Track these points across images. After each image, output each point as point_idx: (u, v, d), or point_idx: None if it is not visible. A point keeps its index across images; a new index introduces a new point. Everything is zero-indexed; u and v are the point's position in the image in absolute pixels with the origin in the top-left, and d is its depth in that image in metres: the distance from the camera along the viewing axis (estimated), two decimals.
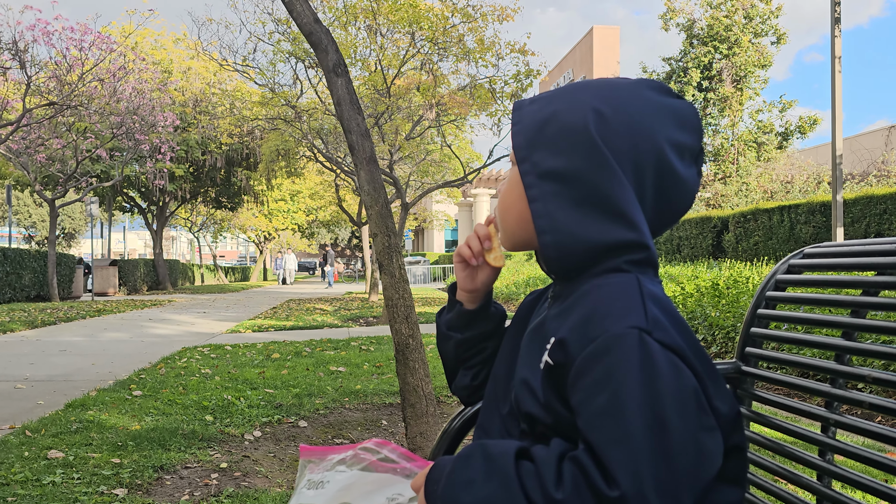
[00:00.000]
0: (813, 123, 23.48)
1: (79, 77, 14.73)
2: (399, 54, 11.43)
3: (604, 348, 0.77)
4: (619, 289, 0.84)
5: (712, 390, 0.80)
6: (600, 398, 0.75)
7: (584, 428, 0.76)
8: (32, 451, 3.36)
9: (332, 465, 0.94)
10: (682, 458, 0.73)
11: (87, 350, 7.42)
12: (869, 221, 12.14)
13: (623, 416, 0.73)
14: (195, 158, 21.85)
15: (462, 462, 0.82)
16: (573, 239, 0.87)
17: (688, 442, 0.74)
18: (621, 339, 0.77)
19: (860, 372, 1.01)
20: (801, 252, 1.25)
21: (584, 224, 0.87)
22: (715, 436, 0.77)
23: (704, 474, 0.75)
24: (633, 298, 0.83)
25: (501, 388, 1.00)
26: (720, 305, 6.54)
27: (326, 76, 3.26)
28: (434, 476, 0.84)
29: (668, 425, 0.73)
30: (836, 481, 1.04)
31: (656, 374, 0.75)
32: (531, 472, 0.78)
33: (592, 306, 0.82)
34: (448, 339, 1.14)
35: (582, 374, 0.78)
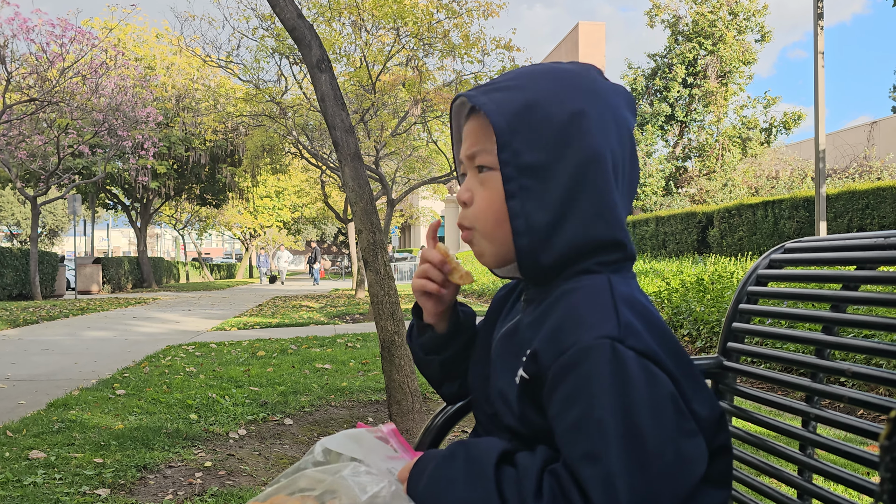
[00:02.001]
0: (797, 119, 23.67)
1: (60, 73, 14.57)
2: (384, 50, 11.39)
3: (574, 361, 0.76)
4: (589, 294, 0.82)
5: (690, 393, 0.79)
6: (572, 412, 0.74)
7: (559, 442, 0.76)
8: (13, 452, 3.32)
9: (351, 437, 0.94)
10: (658, 467, 0.71)
11: (69, 349, 7.35)
12: (851, 216, 12.26)
13: (595, 431, 0.72)
14: (179, 155, 21.67)
15: (445, 462, 0.82)
16: (549, 244, 0.85)
17: (665, 449, 0.72)
18: (592, 350, 0.75)
19: (840, 366, 1.01)
20: (782, 247, 1.25)
21: (562, 226, 0.85)
22: (696, 440, 0.76)
23: (685, 480, 0.74)
24: (604, 304, 0.80)
25: (481, 388, 0.98)
26: (705, 300, 6.58)
27: (310, 72, 3.24)
28: (417, 471, 0.84)
29: (642, 435, 0.72)
30: (816, 476, 1.04)
31: (629, 384, 0.74)
32: (511, 480, 0.77)
33: (563, 315, 0.81)
34: (428, 363, 1.11)
35: (555, 387, 0.77)
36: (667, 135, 25.00)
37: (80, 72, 15.10)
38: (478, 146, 0.90)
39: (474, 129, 0.91)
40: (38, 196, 17.21)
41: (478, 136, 0.90)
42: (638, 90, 25.06)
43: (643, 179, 23.44)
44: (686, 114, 24.34)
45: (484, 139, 0.89)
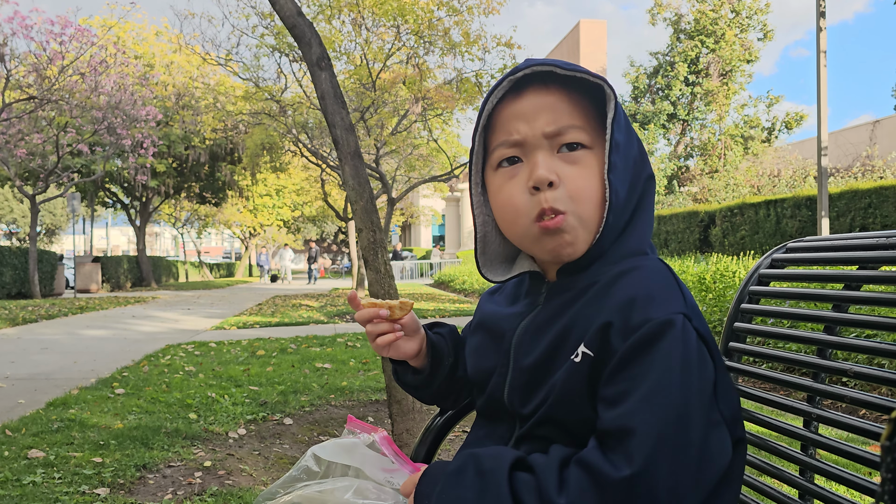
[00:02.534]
0: (799, 119, 23.67)
1: (59, 71, 14.55)
2: (384, 48, 11.38)
3: (651, 335, 0.75)
4: (655, 273, 0.82)
5: (720, 385, 0.80)
6: (644, 386, 0.74)
7: (620, 415, 0.74)
8: (13, 451, 3.31)
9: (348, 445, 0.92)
10: (693, 454, 0.73)
11: (69, 348, 7.34)
12: (854, 215, 12.25)
13: (659, 405, 0.73)
14: (178, 153, 21.65)
15: (454, 478, 0.78)
16: (627, 228, 0.87)
17: (700, 436, 0.74)
18: (669, 325, 0.76)
19: (842, 366, 1.01)
20: (784, 246, 1.24)
21: (639, 214, 0.88)
22: (722, 432, 0.77)
23: (712, 471, 0.75)
24: (670, 283, 0.81)
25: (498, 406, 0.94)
26: (707, 300, 6.58)
27: (310, 70, 3.23)
28: (424, 490, 0.80)
29: (689, 417, 0.73)
30: (818, 476, 1.04)
31: (691, 365, 0.75)
32: (528, 485, 0.75)
33: (632, 293, 0.79)
34: (423, 392, 1.10)
35: (628, 363, 0.76)
36: (669, 133, 24.99)
37: (80, 70, 15.09)
38: (564, 122, 0.85)
39: (553, 104, 0.86)
40: (37, 194, 17.19)
41: (561, 111, 0.86)
42: (640, 88, 25.05)
43: None
44: (688, 112, 24.33)
45: (574, 114, 0.86)
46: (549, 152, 0.85)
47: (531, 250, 0.91)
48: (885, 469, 0.44)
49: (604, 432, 0.75)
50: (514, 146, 0.87)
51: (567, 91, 0.86)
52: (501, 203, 0.90)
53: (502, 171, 0.89)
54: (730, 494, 0.84)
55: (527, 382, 0.88)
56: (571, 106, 0.86)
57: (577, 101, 0.86)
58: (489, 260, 0.99)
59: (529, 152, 0.86)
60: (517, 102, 0.87)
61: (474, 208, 0.96)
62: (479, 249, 0.98)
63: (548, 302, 0.91)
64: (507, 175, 0.89)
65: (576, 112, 0.86)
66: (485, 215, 0.97)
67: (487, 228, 0.97)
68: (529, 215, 0.85)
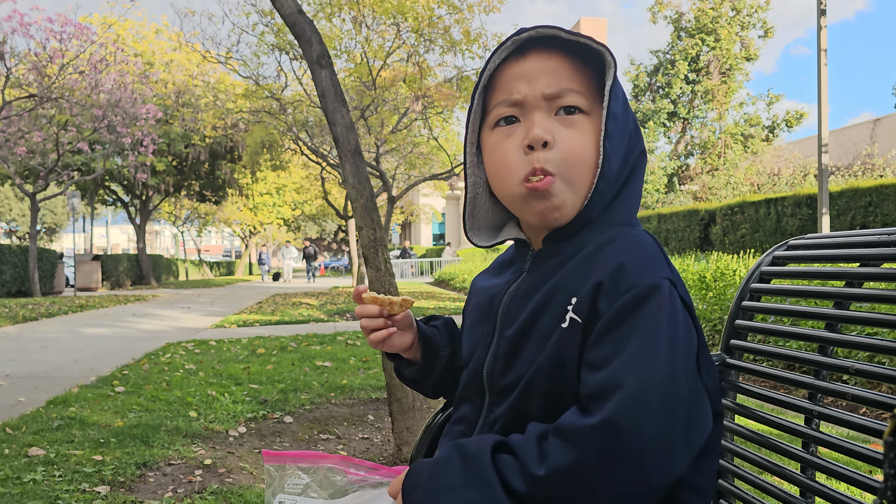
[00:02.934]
0: (799, 118, 23.65)
1: (59, 69, 14.54)
2: (384, 46, 11.37)
3: (639, 298, 0.76)
4: (641, 242, 0.83)
5: (703, 356, 0.81)
6: (631, 348, 0.74)
7: (605, 376, 0.74)
8: (13, 449, 3.31)
9: (301, 489, 0.89)
10: (681, 418, 0.73)
11: (69, 346, 7.34)
12: (854, 214, 12.24)
13: (648, 366, 0.72)
14: (178, 151, 21.63)
15: (440, 467, 0.78)
16: (617, 197, 0.87)
17: (686, 403, 0.74)
18: (657, 289, 0.76)
19: (843, 363, 1.00)
20: (785, 244, 1.24)
21: (628, 186, 0.89)
22: (705, 402, 0.77)
23: (697, 438, 0.75)
24: (657, 252, 0.82)
25: (475, 378, 0.94)
26: (707, 298, 6.57)
27: (310, 68, 3.23)
28: (411, 482, 0.80)
29: (677, 381, 0.73)
30: (819, 473, 1.04)
31: (677, 329, 0.76)
32: (510, 464, 0.75)
33: (620, 259, 0.80)
34: (423, 385, 1.11)
35: (614, 326, 0.76)
36: (669, 132, 24.98)
37: (80, 68, 15.07)
38: (565, 85, 0.86)
39: (555, 68, 0.87)
40: (37, 193, 17.19)
41: (562, 75, 0.87)
42: (640, 87, 25.03)
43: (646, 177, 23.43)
44: (688, 111, 24.31)
45: (574, 79, 0.87)
46: (547, 113, 0.86)
47: (520, 212, 0.91)
48: (888, 465, 0.44)
49: (587, 396, 0.75)
50: (513, 105, 0.88)
51: (569, 56, 0.87)
52: (495, 161, 0.90)
53: (499, 129, 0.90)
54: (709, 467, 0.84)
55: (508, 350, 0.88)
56: (573, 71, 0.87)
57: (578, 67, 0.87)
58: (477, 224, 0.98)
59: (528, 112, 0.87)
60: (519, 63, 0.88)
61: (467, 168, 0.96)
62: (467, 211, 0.97)
63: (533, 269, 0.91)
64: (503, 134, 0.89)
65: (576, 77, 0.87)
66: (476, 176, 0.96)
67: (478, 190, 0.97)
68: (520, 174, 0.86)
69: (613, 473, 0.70)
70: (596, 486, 0.71)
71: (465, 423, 0.94)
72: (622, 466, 0.70)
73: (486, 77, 0.90)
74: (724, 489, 1.20)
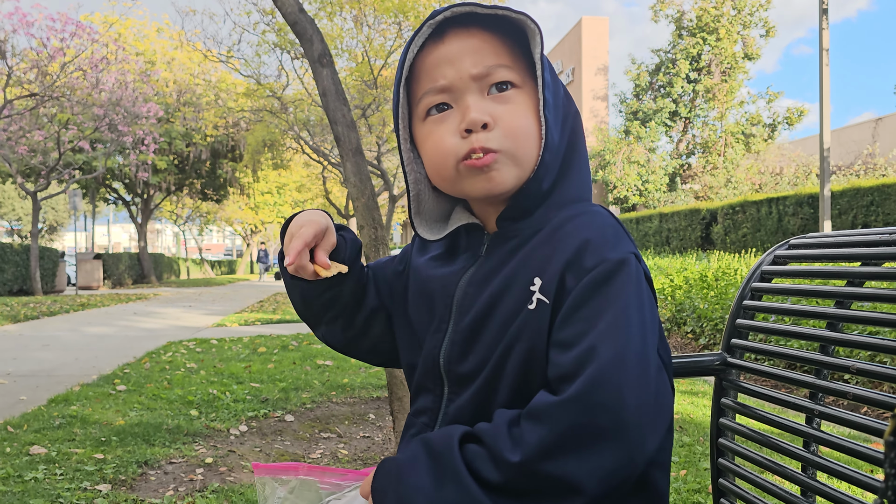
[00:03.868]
0: (800, 115, 23.62)
1: (60, 67, 14.54)
2: (386, 45, 11.37)
3: (608, 273, 0.75)
4: (603, 218, 0.82)
5: (659, 331, 0.81)
6: (603, 323, 0.73)
7: (577, 355, 0.72)
8: (14, 447, 3.32)
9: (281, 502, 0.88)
10: (653, 390, 0.73)
11: (70, 344, 7.35)
12: (856, 213, 12.23)
13: (621, 340, 0.72)
14: (179, 150, 21.65)
15: (408, 467, 0.75)
16: (566, 168, 0.86)
17: (657, 375, 0.74)
18: (625, 263, 0.76)
19: (844, 363, 1.00)
20: (786, 243, 1.24)
21: (573, 157, 0.87)
22: (664, 373, 0.77)
23: (667, 411, 0.75)
24: (618, 228, 0.82)
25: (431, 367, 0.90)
26: (709, 297, 6.57)
27: (312, 67, 3.23)
28: (380, 485, 0.77)
29: (648, 356, 0.74)
30: (820, 472, 1.04)
31: (644, 303, 0.76)
32: (480, 454, 0.73)
33: (585, 236, 0.78)
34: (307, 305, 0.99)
35: (584, 302, 0.75)
36: (670, 131, 24.95)
37: (81, 66, 15.07)
38: (491, 62, 0.83)
39: (478, 46, 0.84)
40: (39, 191, 17.20)
41: (486, 52, 0.84)
42: (641, 86, 25.01)
43: (646, 176, 23.41)
44: (690, 110, 24.29)
45: (500, 54, 0.84)
46: (480, 94, 0.83)
47: (462, 190, 0.86)
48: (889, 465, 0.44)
49: (558, 378, 0.73)
50: (442, 92, 0.84)
51: (490, 32, 0.84)
52: (430, 149, 0.86)
53: (431, 119, 0.86)
54: (669, 443, 0.84)
55: (466, 338, 0.85)
56: (496, 46, 0.84)
57: (501, 42, 0.84)
58: (424, 220, 0.94)
59: (459, 97, 0.84)
60: (439, 47, 0.84)
61: (405, 165, 0.91)
62: (412, 209, 0.93)
63: (490, 252, 0.88)
64: (436, 122, 0.85)
65: (502, 52, 0.84)
66: (416, 172, 0.92)
67: (420, 186, 0.92)
68: (458, 156, 0.83)
69: (595, 449, 0.69)
70: (577, 464, 0.69)
71: (426, 414, 0.90)
72: (603, 440, 0.69)
73: (406, 67, 0.86)
74: (725, 488, 1.20)
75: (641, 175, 23.55)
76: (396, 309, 1.01)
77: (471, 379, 0.84)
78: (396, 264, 1.04)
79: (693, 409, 3.97)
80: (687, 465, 2.97)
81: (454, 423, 0.84)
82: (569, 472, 0.69)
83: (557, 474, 0.69)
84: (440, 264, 0.94)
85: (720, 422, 1.22)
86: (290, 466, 0.89)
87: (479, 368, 0.83)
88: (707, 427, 3.54)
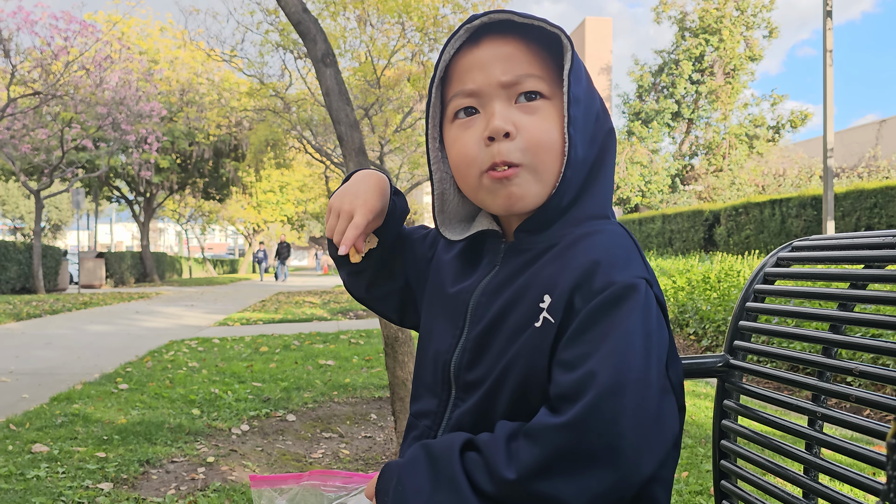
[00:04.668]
0: (804, 118, 23.60)
1: (64, 66, 14.56)
2: (389, 45, 11.38)
3: (615, 298, 0.74)
4: (618, 238, 0.81)
5: (671, 351, 0.80)
6: (605, 348, 0.73)
7: (578, 378, 0.72)
8: (16, 445, 3.32)
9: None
10: (651, 417, 0.72)
11: (72, 343, 7.36)
12: (859, 215, 12.22)
13: (622, 367, 0.72)
14: (182, 149, 21.68)
15: (408, 470, 0.77)
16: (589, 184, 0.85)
17: (658, 402, 0.73)
18: (633, 289, 0.75)
19: (847, 365, 1.00)
20: (789, 245, 1.24)
21: (599, 171, 0.86)
22: (671, 398, 0.77)
23: (667, 437, 0.75)
24: (632, 249, 0.81)
25: (441, 371, 0.91)
26: (711, 299, 6.57)
27: (315, 66, 3.23)
28: (382, 487, 0.79)
29: (649, 383, 0.73)
30: (822, 475, 1.03)
31: (651, 331, 0.75)
32: (478, 464, 0.74)
33: (594, 256, 0.77)
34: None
35: (590, 325, 0.74)
36: (673, 132, 24.94)
37: (84, 65, 15.10)
38: (522, 71, 0.83)
39: (510, 54, 0.83)
40: (42, 189, 17.23)
41: (519, 60, 0.83)
42: (644, 87, 24.99)
43: (649, 177, 23.39)
44: (693, 111, 24.27)
45: (532, 64, 0.83)
46: (507, 102, 0.83)
47: (483, 203, 0.87)
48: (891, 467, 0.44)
49: (558, 396, 0.73)
50: (470, 96, 0.85)
51: (525, 41, 0.84)
52: (456, 154, 0.87)
53: (458, 122, 0.87)
54: (673, 460, 0.84)
55: (476, 347, 0.85)
56: (530, 55, 0.83)
57: (535, 52, 0.84)
58: (447, 219, 0.95)
59: (486, 102, 0.84)
60: (474, 52, 0.84)
61: (431, 164, 0.93)
62: (436, 207, 0.94)
63: (506, 262, 0.88)
64: (463, 126, 0.86)
65: (534, 61, 0.83)
66: (442, 171, 0.93)
67: (445, 185, 0.94)
68: (481, 167, 0.83)
69: (587, 472, 0.70)
70: (568, 486, 0.70)
71: (429, 417, 0.91)
72: (595, 465, 0.70)
73: (441, 69, 0.87)
74: (728, 490, 1.20)
75: (644, 176, 23.54)
76: (419, 293, 1.05)
77: (475, 386, 0.85)
78: (427, 249, 1.05)
79: (695, 411, 3.97)
80: (689, 466, 2.97)
81: (457, 429, 0.85)
82: (560, 493, 0.70)
83: (549, 494, 0.70)
84: (461, 267, 0.95)
85: (722, 423, 1.22)
86: (289, 476, 0.89)
87: (483, 377, 0.84)
88: (708, 429, 3.53)
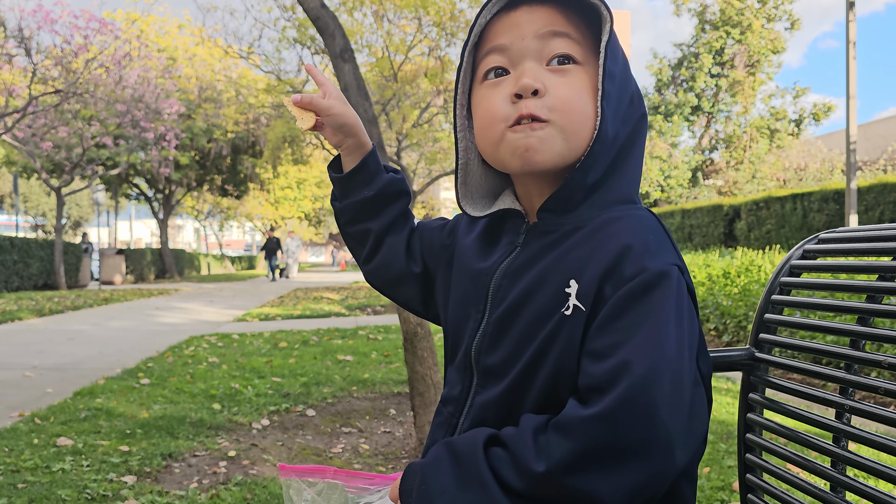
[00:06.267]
0: (827, 111, 23.30)
1: (84, 64, 14.72)
2: (406, 40, 11.37)
3: (647, 285, 0.72)
4: (648, 223, 0.79)
5: (700, 343, 0.78)
6: (639, 336, 0.70)
7: (610, 368, 0.70)
8: (42, 439, 3.37)
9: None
10: (687, 408, 0.70)
11: (94, 338, 7.45)
12: (883, 209, 12.04)
13: (656, 356, 0.69)
14: (200, 146, 21.83)
15: (432, 469, 0.76)
16: (618, 163, 0.82)
17: (691, 393, 0.71)
18: (666, 276, 0.73)
19: (875, 358, 0.99)
20: (815, 237, 1.22)
21: (629, 152, 0.83)
22: (701, 389, 0.75)
23: (700, 429, 0.73)
24: (663, 235, 0.79)
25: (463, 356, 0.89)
26: (732, 294, 6.51)
27: (333, 62, 3.23)
28: (406, 487, 0.78)
29: (683, 373, 0.71)
30: (850, 467, 1.02)
31: (683, 319, 0.73)
32: (504, 459, 0.72)
33: (625, 241, 0.75)
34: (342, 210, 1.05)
35: (621, 313, 0.72)
36: (693, 125, 24.72)
37: (104, 63, 15.24)
38: (559, 28, 0.81)
39: (549, 14, 0.81)
40: (63, 187, 17.44)
41: (557, 20, 0.81)
42: (663, 80, 24.79)
43: (669, 171, 23.21)
44: (713, 104, 24.03)
45: (569, 26, 0.81)
46: (538, 62, 0.81)
47: (503, 162, 0.84)
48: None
49: (589, 388, 0.71)
50: (501, 52, 0.82)
51: (562, 10, 0.82)
52: (481, 113, 0.85)
53: (488, 82, 0.85)
54: (699, 457, 0.82)
55: (497, 330, 0.83)
56: (566, 21, 0.81)
57: (572, 20, 0.82)
58: (470, 192, 0.93)
59: (517, 61, 0.81)
60: (509, 15, 0.82)
61: (457, 132, 0.91)
62: (459, 179, 0.92)
63: (527, 244, 0.85)
64: (492, 86, 0.84)
65: (570, 27, 0.81)
66: (468, 141, 0.91)
67: (470, 156, 0.91)
68: (506, 121, 0.80)
69: (621, 467, 0.67)
70: (602, 480, 0.68)
71: (452, 403, 0.89)
72: (630, 459, 0.67)
73: (475, 33, 0.85)
74: (753, 484, 1.19)
75: (663, 170, 23.35)
76: (436, 279, 1.03)
77: (498, 374, 0.83)
78: (445, 237, 1.03)
79: (715, 406, 3.94)
80: (711, 462, 2.94)
81: (479, 418, 0.84)
82: (593, 487, 0.68)
83: (581, 488, 0.68)
84: (481, 248, 0.93)
85: (748, 417, 1.21)
86: (316, 469, 0.89)
87: (507, 364, 0.81)
88: (730, 423, 3.51)
